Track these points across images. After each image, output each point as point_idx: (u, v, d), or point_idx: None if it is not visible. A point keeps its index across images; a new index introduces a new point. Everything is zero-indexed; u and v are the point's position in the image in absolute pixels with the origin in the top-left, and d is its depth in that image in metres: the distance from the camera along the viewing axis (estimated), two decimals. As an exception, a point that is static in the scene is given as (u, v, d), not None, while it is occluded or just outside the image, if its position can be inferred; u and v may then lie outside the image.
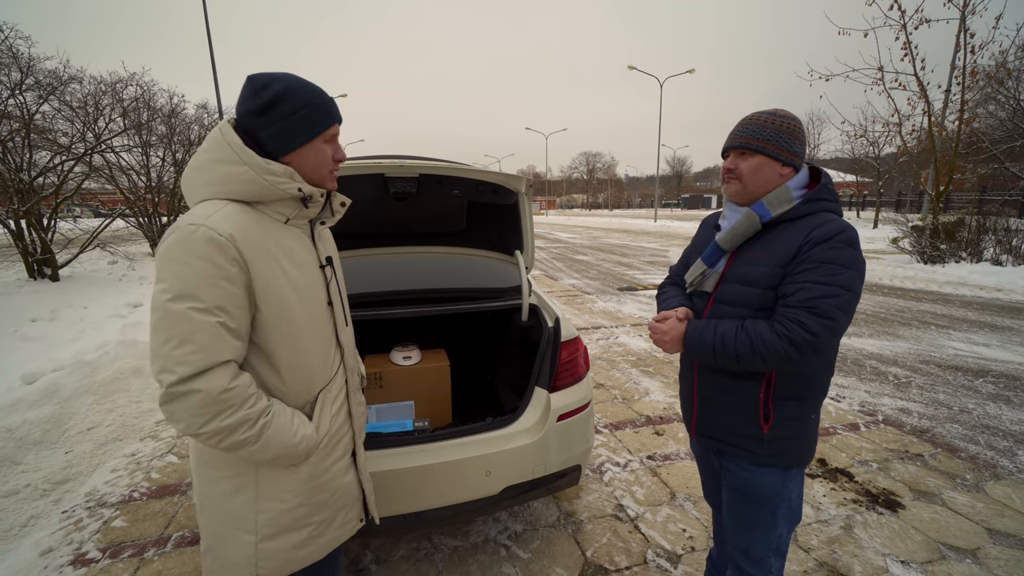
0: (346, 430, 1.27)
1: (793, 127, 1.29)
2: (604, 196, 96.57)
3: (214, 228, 0.96)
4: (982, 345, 5.19)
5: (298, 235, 1.14)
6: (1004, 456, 2.98)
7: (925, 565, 2.09)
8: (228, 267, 0.96)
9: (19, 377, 3.72)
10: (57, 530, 2.37)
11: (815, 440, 1.38)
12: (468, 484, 1.82)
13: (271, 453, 1.05)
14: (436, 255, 2.91)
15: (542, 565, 2.11)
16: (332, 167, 1.14)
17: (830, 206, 1.28)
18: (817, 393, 1.33)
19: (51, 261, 7.40)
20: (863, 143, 17.69)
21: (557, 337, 2.09)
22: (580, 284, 9.49)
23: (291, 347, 1.09)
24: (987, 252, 9.82)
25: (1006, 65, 10.52)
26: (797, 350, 1.15)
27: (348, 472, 1.28)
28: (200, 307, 0.94)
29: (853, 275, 1.17)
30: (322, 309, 1.17)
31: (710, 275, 1.38)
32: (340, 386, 1.24)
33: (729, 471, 1.43)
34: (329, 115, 1.10)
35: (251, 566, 1.13)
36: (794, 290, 1.19)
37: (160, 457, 3.06)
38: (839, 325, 1.16)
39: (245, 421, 0.99)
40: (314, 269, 1.16)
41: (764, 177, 1.29)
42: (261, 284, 1.02)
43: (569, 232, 26.32)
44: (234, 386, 0.97)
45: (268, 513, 1.13)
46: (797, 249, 1.21)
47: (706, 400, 1.44)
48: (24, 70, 7.28)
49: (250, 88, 1.05)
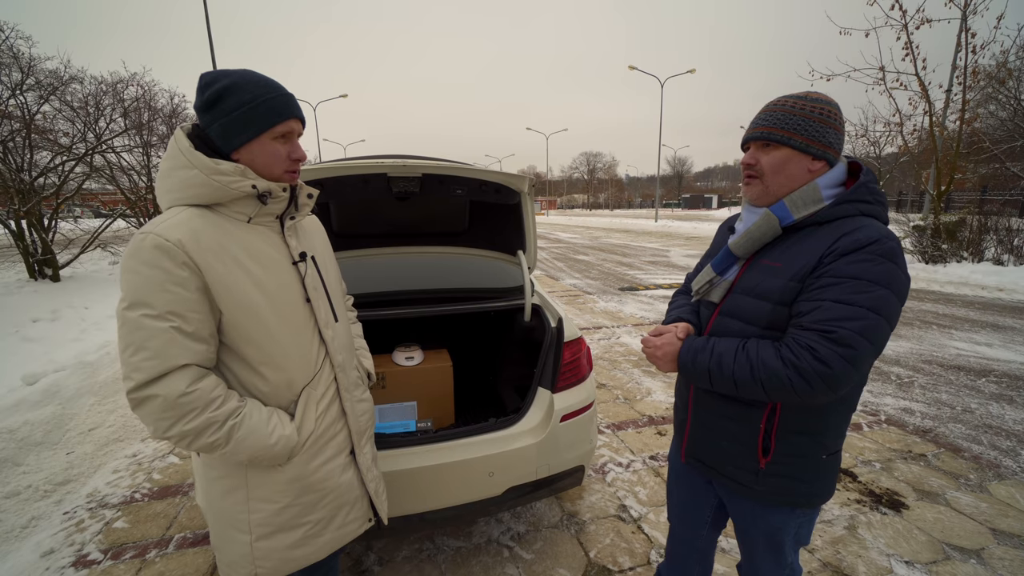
0: (339, 428, 1.25)
1: (829, 113, 1.08)
2: (605, 196, 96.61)
3: (161, 235, 0.97)
4: (984, 345, 5.18)
5: (264, 233, 1.13)
6: (1007, 456, 2.97)
7: (930, 565, 2.08)
8: (178, 272, 0.97)
9: (20, 378, 3.72)
10: (58, 531, 2.36)
11: (830, 481, 1.19)
12: (471, 485, 1.82)
13: (245, 455, 1.05)
14: (438, 255, 2.90)
15: (545, 566, 2.10)
16: (287, 165, 1.11)
17: (870, 209, 1.07)
18: (833, 431, 1.13)
19: (52, 261, 7.40)
20: (864, 143, 17.65)
21: (560, 337, 2.09)
22: (581, 284, 9.48)
23: (261, 346, 1.09)
24: (988, 252, 9.81)
25: (1007, 65, 10.51)
26: (806, 382, 0.97)
27: (346, 471, 1.26)
28: (152, 313, 0.95)
29: (885, 295, 0.96)
30: (299, 306, 1.16)
31: (719, 284, 1.22)
32: (327, 383, 1.22)
33: (732, 503, 1.31)
34: (276, 113, 1.06)
35: (249, 564, 1.14)
36: (810, 308, 1.00)
37: (161, 458, 3.06)
38: (860, 356, 0.95)
39: (210, 424, 1.00)
40: (285, 266, 1.14)
41: (790, 174, 1.09)
42: (219, 287, 1.02)
43: (570, 232, 26.32)
44: (193, 390, 0.98)
45: (260, 513, 1.13)
46: (819, 259, 1.02)
47: (701, 422, 1.29)
48: (25, 70, 7.28)
49: (198, 86, 1.07)
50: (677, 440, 1.43)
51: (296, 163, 1.13)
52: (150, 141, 10.01)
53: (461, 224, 2.93)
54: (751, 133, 1.14)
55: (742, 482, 1.21)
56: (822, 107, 1.09)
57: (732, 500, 1.30)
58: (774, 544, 1.27)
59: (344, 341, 1.30)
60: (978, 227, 9.97)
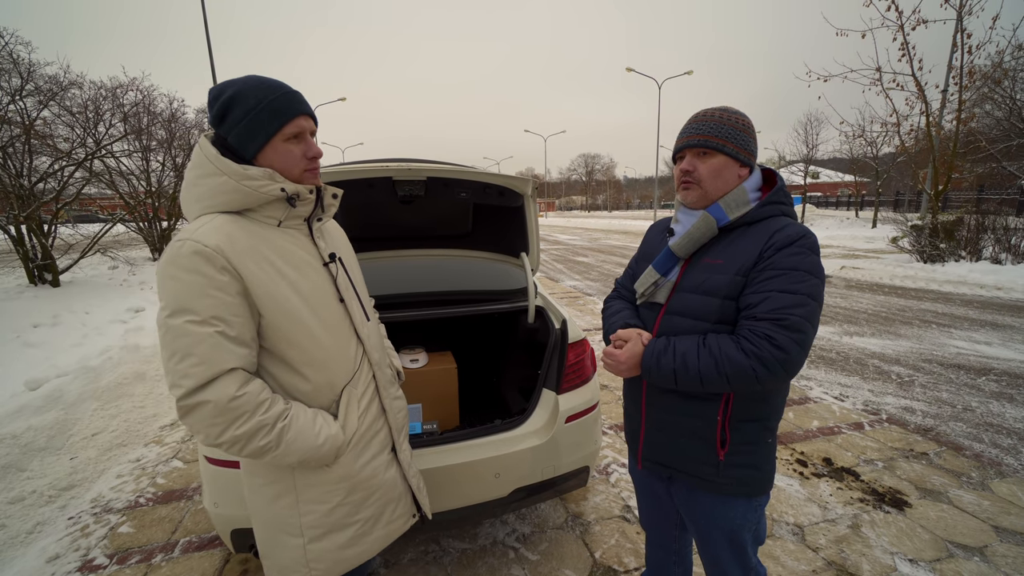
0: (380, 425, 1.27)
1: (748, 124, 1.21)
2: (603, 198, 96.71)
3: (200, 240, 0.97)
4: (983, 343, 5.20)
5: (295, 236, 1.14)
6: (1008, 454, 2.99)
7: (933, 563, 2.10)
8: (219, 277, 0.98)
9: (23, 383, 3.71)
10: (64, 536, 2.36)
11: (774, 467, 1.27)
12: (478, 486, 1.83)
13: (295, 457, 1.06)
14: (442, 258, 2.91)
15: (551, 567, 2.11)
16: (305, 165, 1.11)
17: (787, 209, 1.20)
18: (776, 414, 1.23)
19: (52, 266, 7.39)
20: (861, 143, 17.76)
21: (564, 339, 2.10)
22: (581, 286, 9.50)
23: (304, 347, 1.10)
24: (986, 251, 9.85)
25: (1002, 65, 10.58)
26: (767, 369, 1.04)
27: (390, 468, 1.28)
28: (196, 319, 0.95)
29: (817, 283, 1.09)
30: (334, 306, 1.17)
31: (663, 284, 1.27)
32: (367, 382, 1.23)
33: (689, 505, 1.33)
34: (280, 114, 1.06)
35: (303, 568, 1.15)
36: (759, 300, 1.08)
37: (166, 462, 3.06)
38: (809, 340, 1.06)
39: (262, 427, 1.00)
40: (317, 268, 1.16)
41: (725, 179, 1.19)
42: (259, 290, 1.03)
43: (569, 234, 26.34)
44: (243, 393, 0.98)
45: (311, 515, 1.14)
46: (759, 255, 1.12)
47: (656, 422, 1.31)
48: (24, 76, 7.29)
49: (207, 101, 1.08)
50: (632, 449, 1.45)
51: (313, 161, 1.13)
52: (149, 146, 10.02)
53: (465, 227, 2.94)
54: (689, 141, 1.21)
55: (704, 477, 1.25)
56: (743, 118, 1.20)
57: (692, 500, 1.32)
58: (737, 544, 1.29)
59: (376, 340, 1.33)
60: (976, 226, 10.01)
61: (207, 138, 1.07)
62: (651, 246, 1.40)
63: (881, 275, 9.63)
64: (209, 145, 1.05)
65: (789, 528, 2.33)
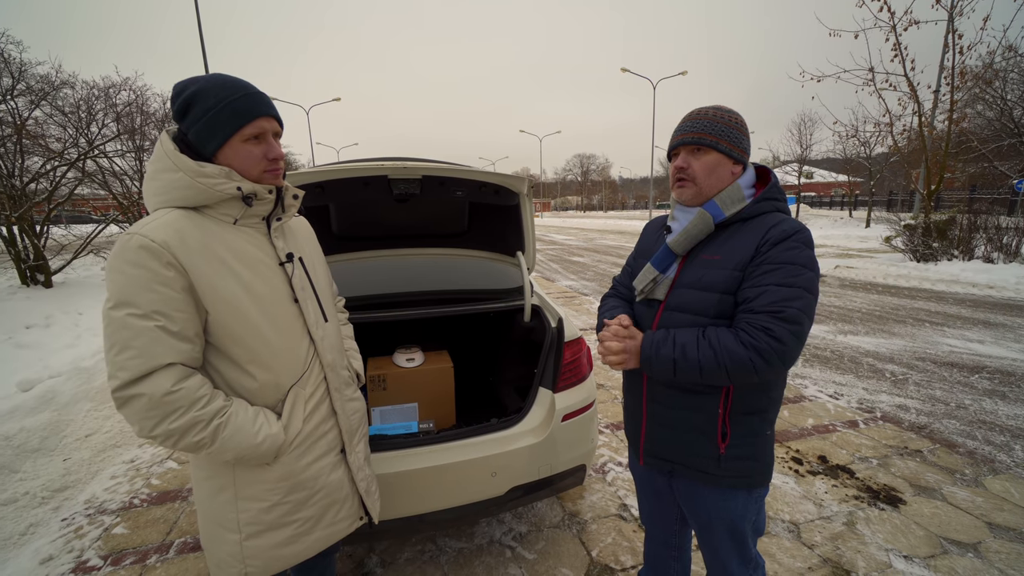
0: (329, 427, 1.26)
1: (741, 122, 1.23)
2: (599, 198, 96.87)
3: (147, 235, 0.98)
4: (976, 342, 5.25)
5: (251, 235, 1.14)
6: (1001, 451, 3.01)
7: (928, 559, 2.11)
8: (164, 272, 0.98)
9: (15, 384, 3.68)
10: (57, 538, 2.35)
11: (773, 458, 1.30)
12: (475, 485, 1.82)
13: (231, 454, 1.06)
14: (438, 257, 2.91)
15: (548, 566, 2.11)
16: (265, 166, 1.11)
17: (781, 206, 1.23)
18: (774, 406, 1.25)
19: (44, 267, 7.32)
20: (855, 143, 17.85)
21: (561, 337, 2.10)
22: (577, 285, 9.51)
23: (249, 345, 1.10)
24: (979, 250, 9.94)
25: (993, 66, 10.68)
26: (765, 360, 1.06)
27: (336, 470, 1.27)
28: (137, 313, 0.96)
29: (812, 277, 1.11)
30: (287, 306, 1.17)
31: (662, 281, 1.29)
32: (316, 383, 1.22)
33: (691, 499, 1.34)
34: (240, 115, 1.06)
35: (239, 564, 1.15)
36: (756, 294, 1.11)
37: (159, 463, 3.04)
38: (805, 332, 1.09)
39: (196, 423, 1.00)
40: (272, 267, 1.15)
41: (719, 176, 1.22)
42: (205, 287, 1.03)
43: (564, 234, 26.38)
44: (178, 389, 0.98)
45: (248, 512, 1.14)
46: (755, 250, 1.14)
47: (657, 417, 1.33)
48: (16, 75, 7.23)
49: (171, 95, 1.08)
50: (633, 445, 1.46)
51: (274, 162, 1.12)
52: (143, 146, 9.95)
53: (460, 225, 2.94)
54: (683, 138, 1.23)
55: (705, 470, 1.26)
56: (736, 116, 1.23)
57: (694, 494, 1.33)
58: (737, 536, 1.31)
59: (334, 341, 1.31)
60: (968, 225, 10.09)
61: (168, 134, 1.07)
62: (648, 243, 1.43)
63: (875, 274, 9.70)
64: (168, 140, 1.05)
65: (785, 525, 2.34)
